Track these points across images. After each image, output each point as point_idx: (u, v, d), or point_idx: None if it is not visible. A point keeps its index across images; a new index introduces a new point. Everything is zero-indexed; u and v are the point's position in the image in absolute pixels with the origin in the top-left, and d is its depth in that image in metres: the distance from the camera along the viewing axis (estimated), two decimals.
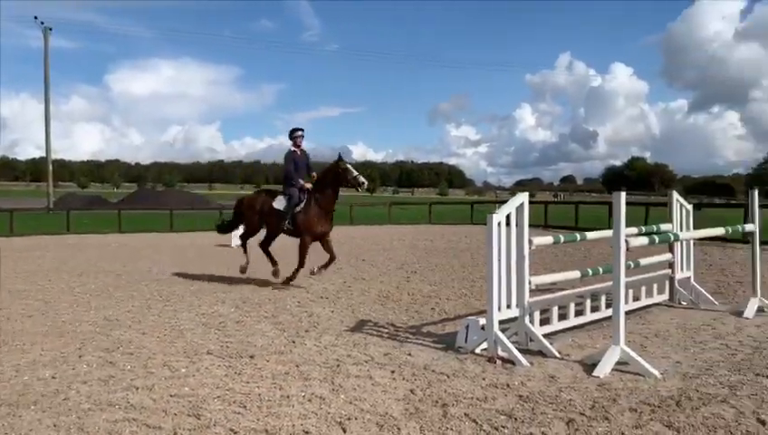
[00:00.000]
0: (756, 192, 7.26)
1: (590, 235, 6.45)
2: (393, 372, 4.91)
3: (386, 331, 6.43)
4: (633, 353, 4.90)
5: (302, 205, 9.46)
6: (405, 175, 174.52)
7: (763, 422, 3.76)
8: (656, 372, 4.73)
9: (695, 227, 7.81)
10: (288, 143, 9.87)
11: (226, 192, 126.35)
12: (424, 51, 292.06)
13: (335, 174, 9.33)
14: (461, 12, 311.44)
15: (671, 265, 7.64)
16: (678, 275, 7.67)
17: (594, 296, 6.59)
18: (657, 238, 5.67)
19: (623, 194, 4.99)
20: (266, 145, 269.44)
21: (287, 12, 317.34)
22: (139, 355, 5.54)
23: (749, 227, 7.07)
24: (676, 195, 7.61)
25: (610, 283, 5.24)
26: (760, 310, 7.03)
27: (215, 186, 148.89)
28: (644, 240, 5.40)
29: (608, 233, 5.71)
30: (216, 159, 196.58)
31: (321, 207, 9.34)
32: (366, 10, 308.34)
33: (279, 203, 9.72)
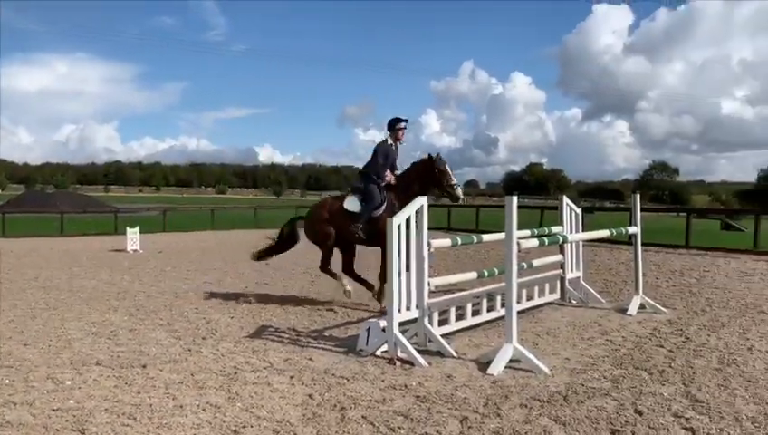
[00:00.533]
0: (638, 196, 7.77)
1: (486, 237, 6.66)
2: (292, 377, 4.85)
3: (287, 336, 6.35)
4: (525, 351, 5.10)
5: (383, 207, 7.72)
6: (313, 178, 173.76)
7: (640, 413, 4.01)
8: (546, 369, 4.95)
9: (588, 230, 8.24)
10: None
11: (124, 195, 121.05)
12: (333, 53, 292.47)
13: (428, 173, 7.65)
14: (370, 15, 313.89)
15: (562, 265, 8.02)
16: (569, 276, 8.07)
17: (490, 296, 6.79)
18: (546, 240, 5.95)
19: (515, 198, 5.20)
20: (168, 146, 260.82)
21: (190, 10, 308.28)
22: (19, 368, 5.18)
23: (632, 229, 7.55)
24: (566, 199, 8.01)
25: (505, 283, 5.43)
26: (641, 307, 7.50)
27: (111, 188, 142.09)
28: (534, 242, 5.65)
29: (502, 235, 5.91)
30: (114, 159, 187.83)
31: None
32: (273, 11, 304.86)
33: (351, 204, 7.91)
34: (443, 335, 5.85)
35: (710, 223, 34.10)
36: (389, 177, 7.90)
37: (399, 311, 5.48)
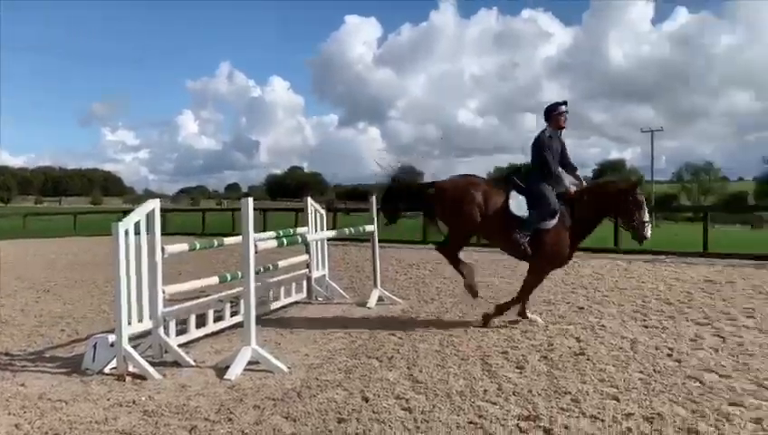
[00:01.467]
0: (374, 198, 8.30)
1: (228, 240, 6.58)
2: None
3: None
4: (262, 352, 5.12)
5: (556, 218, 6.37)
6: (51, 182, 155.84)
7: (366, 399, 4.26)
8: (283, 367, 5.01)
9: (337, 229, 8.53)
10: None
11: None
12: (73, 44, 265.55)
13: (618, 199, 6.27)
14: (119, 7, 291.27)
15: (308, 265, 8.22)
16: (315, 274, 8.30)
17: (234, 301, 6.71)
18: (285, 241, 6.04)
19: (250, 200, 5.19)
20: None
21: None
22: None
23: (369, 227, 8.02)
24: (310, 201, 8.25)
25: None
26: (380, 299, 8.01)
27: None
28: (272, 243, 5.70)
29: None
30: None
31: (577, 228, 6.44)
32: None
33: (518, 206, 6.43)
34: (182, 344, 5.63)
35: None
36: (567, 183, 6.58)
37: (130, 323, 5.11)
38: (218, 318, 6.42)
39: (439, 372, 4.87)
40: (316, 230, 8.23)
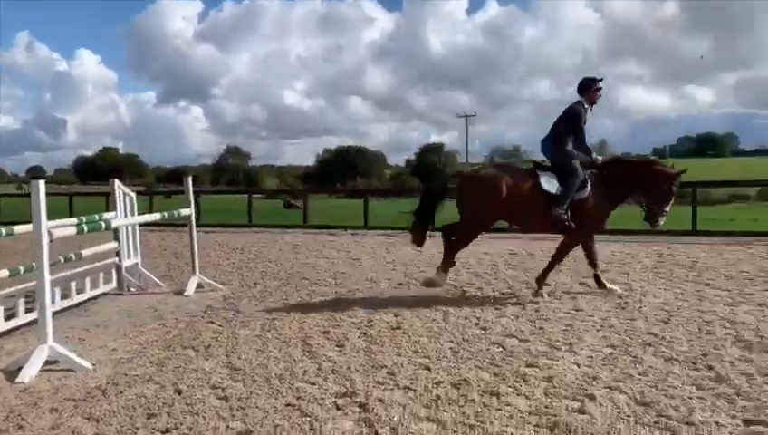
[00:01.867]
0: (190, 179, 7.96)
1: (19, 228, 5.87)
2: None
3: None
4: (62, 349, 4.67)
5: (588, 188, 6.66)
6: None
7: (179, 392, 4.05)
8: (87, 365, 4.62)
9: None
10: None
11: None
12: None
13: (657, 183, 6.69)
14: None
15: (118, 253, 7.65)
16: (126, 263, 7.75)
17: (32, 295, 6.04)
18: (86, 227, 5.55)
19: (41, 183, 4.70)
20: None
21: None
22: None
23: (185, 211, 7.65)
24: (117, 183, 7.67)
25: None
26: (199, 286, 7.69)
27: None
28: (71, 230, 5.21)
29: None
30: None
31: (610, 196, 6.77)
32: None
33: (549, 183, 6.60)
34: None
35: (276, 202, 37.44)
36: (594, 154, 6.89)
37: None
38: (11, 316, 5.78)
39: (259, 358, 4.78)
40: (125, 215, 7.69)
